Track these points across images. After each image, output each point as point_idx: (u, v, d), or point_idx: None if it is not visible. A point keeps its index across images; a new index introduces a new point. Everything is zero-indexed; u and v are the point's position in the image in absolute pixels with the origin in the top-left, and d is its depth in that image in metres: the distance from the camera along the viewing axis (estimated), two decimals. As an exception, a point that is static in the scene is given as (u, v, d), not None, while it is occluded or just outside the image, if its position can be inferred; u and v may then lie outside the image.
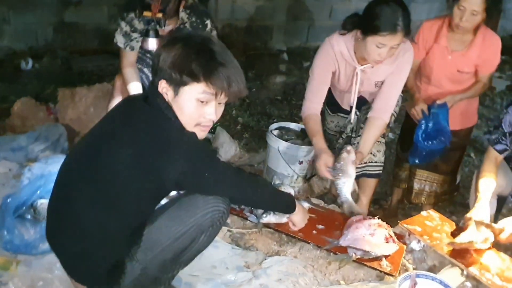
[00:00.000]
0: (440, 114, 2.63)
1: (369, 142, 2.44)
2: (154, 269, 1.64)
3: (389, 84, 2.47)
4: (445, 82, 2.75)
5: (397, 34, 2.16)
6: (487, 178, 2.31)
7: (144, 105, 1.56)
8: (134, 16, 2.47)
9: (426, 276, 1.90)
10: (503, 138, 2.36)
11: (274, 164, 3.12)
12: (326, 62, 2.47)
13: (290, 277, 2.01)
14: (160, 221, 1.62)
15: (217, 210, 1.65)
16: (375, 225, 2.21)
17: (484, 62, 2.66)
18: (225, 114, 4.35)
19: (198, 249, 1.73)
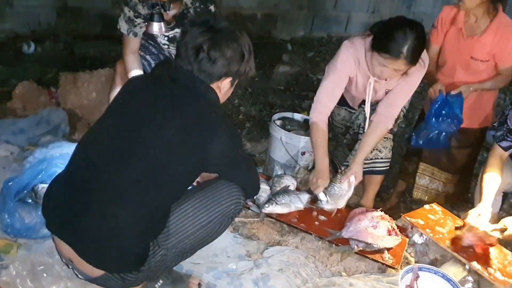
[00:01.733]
0: (455, 103, 2.56)
1: (369, 146, 2.43)
2: (172, 256, 1.63)
3: (397, 92, 2.43)
4: (458, 70, 2.67)
5: (399, 61, 2.10)
6: (491, 176, 2.29)
7: (178, 86, 1.57)
8: (138, 1, 2.44)
9: (429, 270, 1.89)
10: (508, 135, 2.33)
11: (276, 154, 3.10)
12: (346, 66, 2.39)
13: (291, 267, 2.01)
14: (187, 207, 1.61)
15: (239, 202, 1.70)
16: (378, 218, 2.21)
17: (502, 51, 2.55)
18: (227, 103, 4.35)
19: (213, 238, 1.74)
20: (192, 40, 1.55)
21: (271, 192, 2.39)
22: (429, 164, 2.94)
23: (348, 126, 2.72)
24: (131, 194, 1.49)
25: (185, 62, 1.56)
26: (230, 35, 1.58)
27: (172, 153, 1.50)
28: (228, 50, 1.56)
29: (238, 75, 1.64)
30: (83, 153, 1.60)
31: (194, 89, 1.56)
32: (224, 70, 1.58)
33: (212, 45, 1.54)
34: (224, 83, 1.62)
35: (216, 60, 1.55)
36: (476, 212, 2.17)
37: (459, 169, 2.92)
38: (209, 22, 1.59)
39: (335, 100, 2.46)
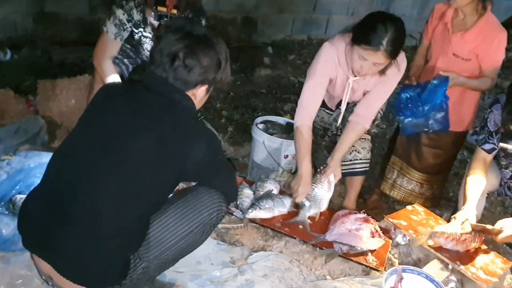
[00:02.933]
0: (438, 86, 2.51)
1: (346, 145, 2.44)
2: (154, 268, 1.61)
3: (374, 94, 2.44)
4: (441, 67, 2.65)
5: (378, 53, 2.12)
6: (475, 179, 2.32)
7: (153, 94, 1.54)
8: (133, 5, 2.42)
9: (412, 271, 1.90)
10: (490, 137, 2.36)
11: (259, 158, 3.10)
12: (327, 68, 2.39)
13: (276, 272, 2.00)
14: (167, 218, 1.59)
15: (220, 210, 1.68)
16: (361, 220, 2.22)
17: (485, 52, 2.55)
18: (209, 107, 4.33)
19: (195, 247, 1.72)
20: (167, 47, 1.52)
21: (255, 196, 2.38)
22: (399, 158, 2.95)
23: (326, 128, 2.73)
24: (108, 207, 1.45)
25: (160, 69, 1.53)
26: (206, 42, 1.55)
27: (149, 163, 1.47)
28: (205, 58, 1.53)
29: (214, 83, 1.62)
30: (57, 166, 1.56)
31: (170, 97, 1.53)
32: (200, 78, 1.55)
33: (188, 53, 1.51)
34: (199, 90, 1.59)
35: (192, 68, 1.52)
36: (462, 216, 2.19)
37: (427, 169, 2.90)
38: (185, 28, 1.56)
39: (318, 103, 2.46)
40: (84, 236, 1.45)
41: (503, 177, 2.50)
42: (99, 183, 1.46)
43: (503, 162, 2.46)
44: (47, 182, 1.57)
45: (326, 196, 2.38)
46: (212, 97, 4.54)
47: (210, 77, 1.57)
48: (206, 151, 1.55)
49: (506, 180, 2.50)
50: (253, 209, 2.23)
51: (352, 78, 2.39)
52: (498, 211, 3.45)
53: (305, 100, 2.43)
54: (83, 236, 1.45)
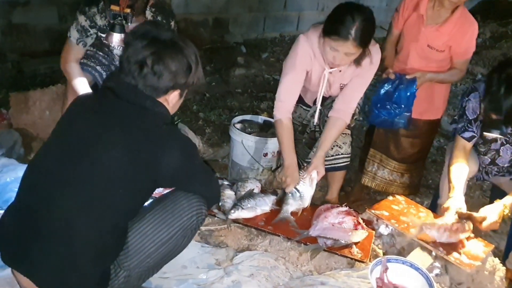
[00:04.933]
0: (407, 89, 2.60)
1: (328, 141, 2.46)
2: (136, 276, 1.59)
3: (351, 86, 2.47)
4: (413, 57, 2.71)
5: (348, 42, 2.14)
6: (458, 167, 2.35)
7: (123, 102, 1.52)
8: (97, 11, 2.39)
9: (397, 260, 1.92)
10: (469, 125, 2.40)
11: (238, 158, 3.10)
12: (303, 61, 2.40)
13: (262, 271, 1.99)
14: (145, 225, 1.58)
15: (200, 213, 1.67)
16: (343, 213, 2.23)
17: (457, 45, 2.62)
18: (186, 110, 4.31)
19: (178, 252, 1.71)
20: (134, 55, 1.50)
21: (236, 197, 2.37)
22: (378, 151, 2.98)
23: (305, 124, 2.74)
24: (81, 219, 1.44)
25: (129, 77, 1.51)
26: (174, 47, 1.53)
27: (121, 172, 1.46)
28: (173, 63, 1.51)
29: (186, 87, 1.60)
30: (30, 180, 1.54)
31: (140, 104, 1.51)
32: (171, 84, 1.53)
33: (156, 59, 1.49)
34: (172, 96, 1.57)
35: (161, 74, 1.50)
36: (456, 206, 2.21)
37: (406, 158, 2.95)
38: (150, 33, 1.53)
39: (295, 96, 2.47)
40: (58, 250, 1.44)
41: (482, 163, 2.55)
42: (71, 196, 1.45)
43: (482, 149, 2.50)
44: (21, 196, 1.55)
45: (309, 192, 2.39)
46: (188, 100, 4.54)
47: (181, 81, 1.55)
48: (180, 157, 1.53)
49: (484, 165, 2.55)
50: (235, 210, 2.23)
51: (327, 70, 2.40)
52: (477, 195, 3.52)
53: (283, 94, 2.44)
54: (58, 250, 1.44)
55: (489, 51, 6.08)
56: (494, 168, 2.50)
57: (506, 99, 2.02)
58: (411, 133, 2.85)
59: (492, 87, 2.07)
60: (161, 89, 1.53)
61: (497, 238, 2.96)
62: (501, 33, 6.64)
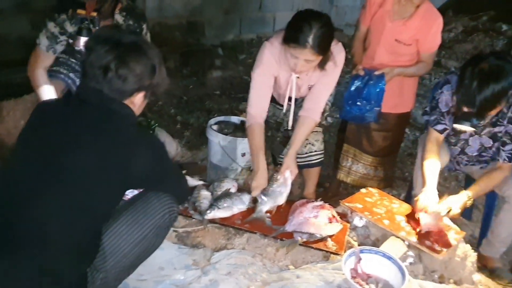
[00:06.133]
0: (375, 86, 2.66)
1: (299, 140, 2.49)
2: (113, 277, 1.60)
3: (320, 86, 2.50)
4: (381, 52, 2.76)
5: (306, 50, 2.17)
6: (432, 160, 2.40)
7: (90, 107, 1.53)
8: (66, 18, 2.39)
9: (370, 251, 1.95)
10: (441, 118, 2.45)
11: (216, 159, 3.12)
12: (267, 66, 2.44)
13: (240, 268, 2.01)
14: (119, 226, 1.59)
15: (172, 211, 1.69)
16: (318, 207, 2.26)
17: (424, 39, 2.68)
18: (163, 114, 4.32)
19: (152, 251, 1.72)
20: (98, 59, 1.51)
21: (213, 197, 2.39)
22: (351, 146, 3.02)
23: (279, 122, 2.77)
24: (54, 226, 1.45)
25: (93, 82, 1.52)
26: (137, 50, 1.56)
27: (91, 176, 1.47)
28: (137, 66, 1.53)
29: (151, 88, 1.62)
30: None
31: (107, 108, 1.53)
32: (136, 86, 1.56)
33: (120, 63, 1.51)
34: (137, 98, 1.60)
35: (126, 78, 1.52)
36: (426, 197, 2.26)
37: (379, 152, 3.00)
38: (113, 38, 1.55)
39: (267, 101, 2.50)
40: (34, 257, 1.43)
41: (452, 153, 2.60)
42: (43, 203, 1.45)
43: (452, 140, 2.56)
44: None
45: (284, 192, 2.41)
46: (166, 104, 4.55)
47: (146, 83, 1.58)
48: (150, 157, 1.56)
49: (455, 156, 2.60)
50: (211, 210, 2.25)
51: (294, 75, 2.43)
52: (453, 186, 3.58)
53: (253, 100, 2.48)
54: (33, 257, 1.43)
55: (461, 45, 6.18)
56: (464, 157, 2.56)
57: (479, 92, 2.05)
58: (382, 127, 2.90)
59: (465, 80, 2.10)
60: (126, 92, 1.55)
61: (472, 226, 3.03)
62: (473, 27, 6.74)
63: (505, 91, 2.06)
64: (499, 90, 2.03)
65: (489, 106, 2.08)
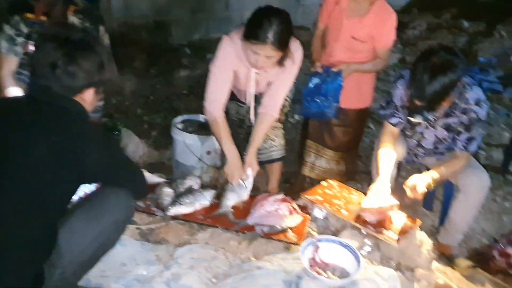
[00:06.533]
0: (333, 82, 2.73)
1: (259, 138, 2.54)
2: (71, 273, 1.61)
3: (278, 83, 2.54)
4: (339, 49, 2.81)
5: (266, 46, 2.20)
6: (386, 152, 2.48)
7: (40, 104, 1.54)
8: (20, 19, 2.37)
9: (327, 240, 2.02)
10: (396, 112, 2.53)
11: (182, 157, 3.14)
12: (226, 61, 2.45)
13: (202, 262, 2.04)
14: (75, 222, 1.60)
15: (129, 206, 1.72)
16: (279, 201, 2.32)
17: (379, 35, 2.75)
18: (130, 114, 4.31)
19: (111, 246, 1.74)
20: (45, 57, 1.53)
21: (175, 194, 2.41)
22: (314, 142, 3.08)
23: (242, 119, 2.81)
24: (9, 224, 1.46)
25: (43, 80, 1.54)
26: (85, 46, 1.58)
27: (45, 173, 1.48)
28: (86, 62, 1.56)
29: (101, 84, 1.65)
30: None
31: (57, 105, 1.54)
32: (85, 82, 1.58)
33: (68, 60, 1.53)
34: (87, 94, 1.62)
35: (74, 74, 1.54)
36: (377, 188, 2.34)
37: (341, 147, 3.07)
38: (60, 35, 1.57)
39: (225, 95, 2.52)
40: None
41: (409, 146, 2.69)
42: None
43: (408, 133, 2.64)
44: None
45: (246, 189, 2.48)
46: (132, 104, 4.54)
47: (95, 79, 1.61)
48: (101, 151, 1.58)
49: (412, 148, 2.69)
50: (173, 206, 2.27)
51: (253, 71, 2.47)
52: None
53: (211, 94, 2.50)
54: None
55: (425, 42, 6.32)
56: (421, 150, 2.64)
57: (428, 86, 2.12)
58: (343, 122, 2.96)
59: (417, 75, 2.17)
60: (76, 88, 1.57)
61: (433, 216, 3.12)
62: (436, 24, 6.92)
63: (454, 84, 2.14)
64: (448, 83, 2.11)
65: (439, 99, 2.16)
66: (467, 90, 2.29)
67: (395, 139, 2.55)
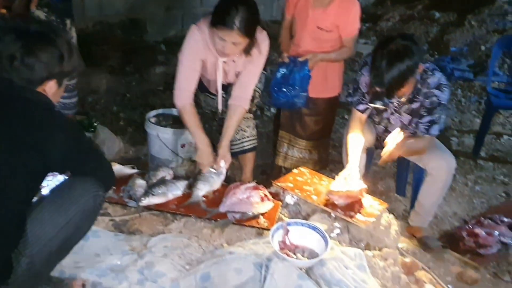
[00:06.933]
0: (300, 71, 2.77)
1: (231, 129, 2.60)
2: (40, 262, 1.63)
3: (246, 73, 2.59)
4: (306, 39, 2.87)
5: (233, 32, 2.25)
6: (354, 137, 2.55)
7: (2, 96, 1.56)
8: None
9: (296, 223, 2.07)
10: (363, 98, 2.59)
11: (156, 151, 3.15)
12: (194, 50, 2.49)
13: (175, 250, 2.08)
14: (42, 211, 1.62)
15: (97, 195, 1.72)
16: (251, 189, 2.36)
17: (344, 24, 2.80)
18: (106, 112, 4.31)
19: (81, 235, 1.76)
20: (4, 49, 1.55)
21: (148, 185, 2.44)
22: (286, 132, 3.14)
23: (214, 111, 2.84)
24: None
25: (2, 72, 1.56)
26: (44, 39, 1.60)
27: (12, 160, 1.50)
28: (44, 54, 1.58)
29: (63, 76, 1.68)
30: None
31: (19, 96, 1.57)
32: (45, 74, 1.60)
33: (26, 52, 1.55)
34: (48, 85, 1.64)
35: (33, 66, 1.57)
36: (346, 173, 2.40)
37: (312, 136, 3.12)
38: (18, 27, 1.60)
39: (194, 83, 2.56)
40: None
41: (378, 132, 2.75)
42: None
43: (376, 119, 2.71)
44: None
45: (218, 179, 2.53)
46: (108, 101, 4.54)
47: (55, 71, 1.63)
48: (66, 139, 1.60)
49: (380, 134, 2.75)
50: (146, 196, 2.31)
51: (221, 59, 2.51)
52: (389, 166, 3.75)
53: (180, 82, 2.55)
54: None
55: (399, 33, 6.44)
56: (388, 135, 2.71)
57: (387, 73, 2.19)
58: (313, 111, 3.02)
59: (376, 62, 2.24)
60: (35, 80, 1.60)
61: (406, 202, 3.20)
62: (409, 15, 7.04)
63: (411, 70, 2.21)
64: (405, 69, 2.18)
65: (397, 84, 2.23)
66: (428, 75, 2.37)
67: (363, 125, 2.62)
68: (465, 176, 3.65)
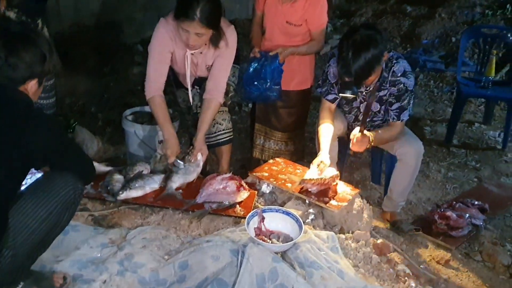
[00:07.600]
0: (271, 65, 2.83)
1: (206, 123, 2.65)
2: (23, 254, 1.67)
3: (217, 67, 2.65)
4: (277, 34, 2.94)
5: (194, 23, 2.32)
6: (325, 127, 2.62)
7: None
8: None
9: (271, 210, 2.14)
10: (331, 89, 2.67)
11: (134, 149, 3.18)
12: (163, 42, 2.56)
13: (154, 242, 2.13)
14: (24, 204, 1.65)
15: (76, 188, 1.76)
16: (227, 179, 2.43)
17: (312, 18, 2.87)
18: (85, 113, 4.33)
19: (61, 228, 1.80)
20: None
21: (125, 180, 2.48)
22: (262, 124, 3.20)
23: (189, 106, 2.90)
24: None
25: None
26: (26, 39, 1.64)
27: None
28: (27, 54, 1.62)
29: (44, 75, 1.72)
30: None
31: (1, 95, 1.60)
32: (27, 74, 1.65)
33: (9, 52, 1.59)
34: (30, 85, 1.68)
35: (16, 66, 1.61)
36: (318, 161, 2.48)
37: (287, 127, 3.19)
38: (1, 27, 1.64)
39: (163, 75, 2.63)
40: None
41: (348, 121, 2.83)
42: None
43: (346, 109, 2.78)
44: None
45: (195, 171, 2.58)
46: (86, 102, 4.55)
47: (37, 70, 1.67)
48: (46, 134, 1.64)
49: (351, 123, 2.83)
50: (123, 190, 2.35)
51: (189, 52, 2.58)
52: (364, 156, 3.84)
53: (150, 74, 2.61)
54: None
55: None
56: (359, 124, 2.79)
57: (354, 62, 2.27)
58: (286, 104, 3.09)
59: (342, 53, 2.32)
60: (18, 79, 1.64)
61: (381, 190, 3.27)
62: (382, 10, 7.16)
63: (377, 58, 2.30)
64: (371, 58, 2.27)
65: (365, 73, 2.32)
66: (393, 63, 2.46)
67: (333, 114, 2.70)
68: (438, 163, 3.76)
